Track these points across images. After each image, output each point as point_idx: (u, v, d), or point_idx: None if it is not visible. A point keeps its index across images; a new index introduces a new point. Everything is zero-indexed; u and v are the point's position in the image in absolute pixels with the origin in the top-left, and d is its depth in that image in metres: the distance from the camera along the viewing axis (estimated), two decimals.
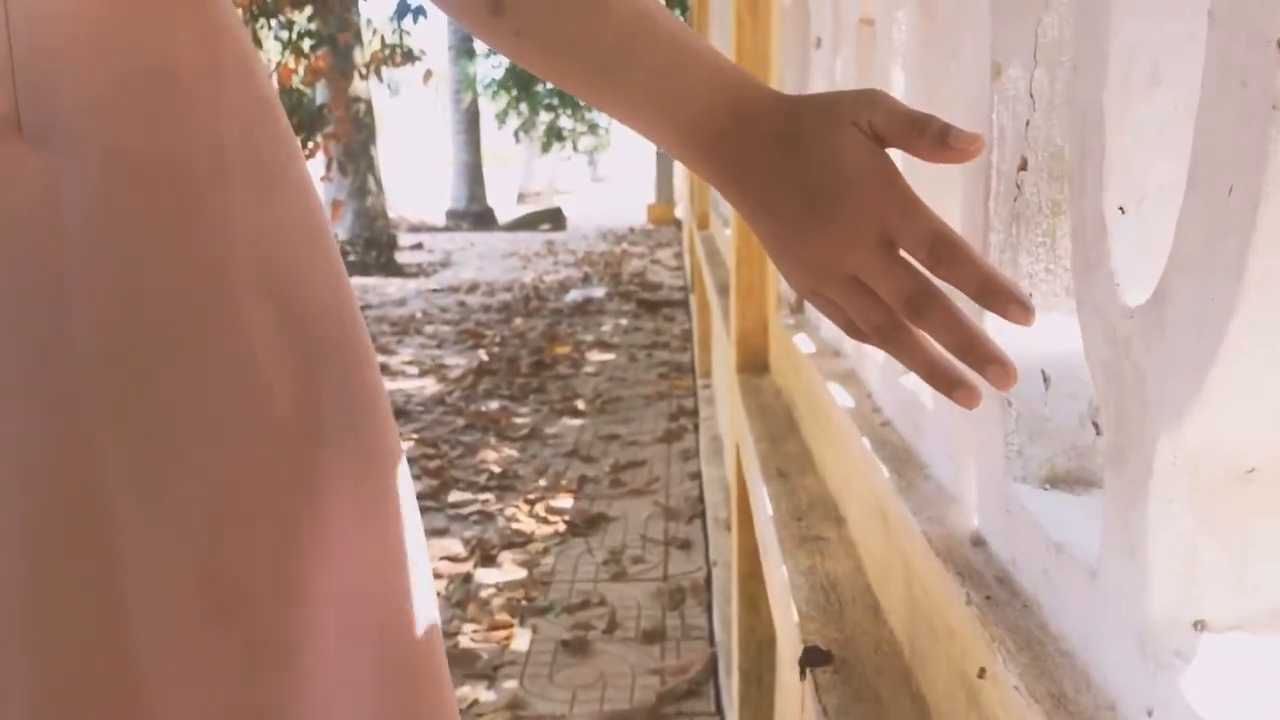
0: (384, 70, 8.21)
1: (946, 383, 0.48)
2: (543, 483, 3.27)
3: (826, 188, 0.48)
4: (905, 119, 0.48)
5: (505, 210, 15.13)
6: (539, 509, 3.01)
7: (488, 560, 2.67)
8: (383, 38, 7.80)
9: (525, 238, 12.37)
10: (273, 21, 7.35)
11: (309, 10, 7.46)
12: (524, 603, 2.42)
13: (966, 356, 0.47)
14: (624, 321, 6.40)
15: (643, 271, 8.73)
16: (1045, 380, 0.56)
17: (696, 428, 3.82)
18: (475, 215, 13.88)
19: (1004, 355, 0.46)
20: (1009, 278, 0.47)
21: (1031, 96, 0.57)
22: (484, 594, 2.47)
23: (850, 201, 0.47)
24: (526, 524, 2.91)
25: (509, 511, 3.01)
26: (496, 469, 3.42)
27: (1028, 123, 0.57)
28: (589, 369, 5.01)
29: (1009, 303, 0.45)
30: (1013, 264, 0.59)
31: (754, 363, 1.53)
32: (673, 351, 5.39)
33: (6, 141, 0.41)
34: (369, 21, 8.01)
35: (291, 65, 7.63)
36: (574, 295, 7.40)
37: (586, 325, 6.27)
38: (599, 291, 7.55)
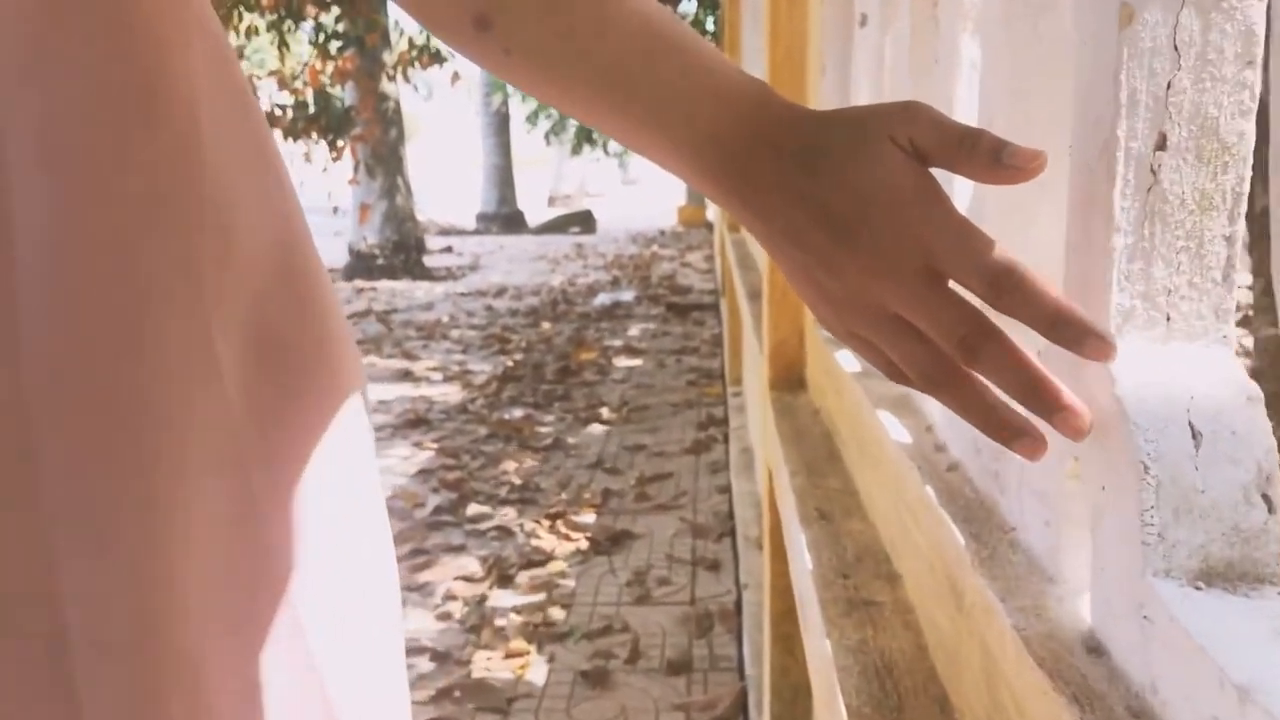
0: (411, 72, 8.14)
1: (1008, 433, 0.41)
2: (565, 496, 3.13)
3: (858, 211, 0.41)
4: (952, 133, 0.41)
5: (535, 213, 15.06)
6: (560, 525, 2.87)
7: (505, 580, 2.54)
8: (410, 39, 7.74)
9: (554, 241, 12.28)
10: (300, 24, 7.29)
11: (336, 12, 7.40)
12: (541, 628, 2.29)
13: (1031, 403, 0.40)
14: (652, 326, 6.26)
15: (672, 275, 8.59)
16: (1194, 436, 0.41)
17: (726, 438, 3.67)
18: (505, 218, 13.83)
19: (1075, 401, 0.40)
20: (1081, 310, 0.40)
21: (1176, 49, 0.42)
22: (500, 619, 2.33)
23: (888, 227, 0.40)
24: (547, 541, 2.78)
25: (529, 527, 2.88)
26: (517, 481, 3.29)
27: (1169, 85, 0.42)
28: (616, 375, 4.87)
29: (1086, 336, 0.39)
30: (1145, 276, 0.44)
31: (789, 378, 1.38)
32: (702, 357, 5.24)
33: None
34: (396, 23, 7.92)
35: (319, 67, 7.57)
36: (602, 299, 7.28)
37: (614, 330, 6.14)
38: (628, 295, 7.41)
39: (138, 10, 0.40)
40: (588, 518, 2.95)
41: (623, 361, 5.20)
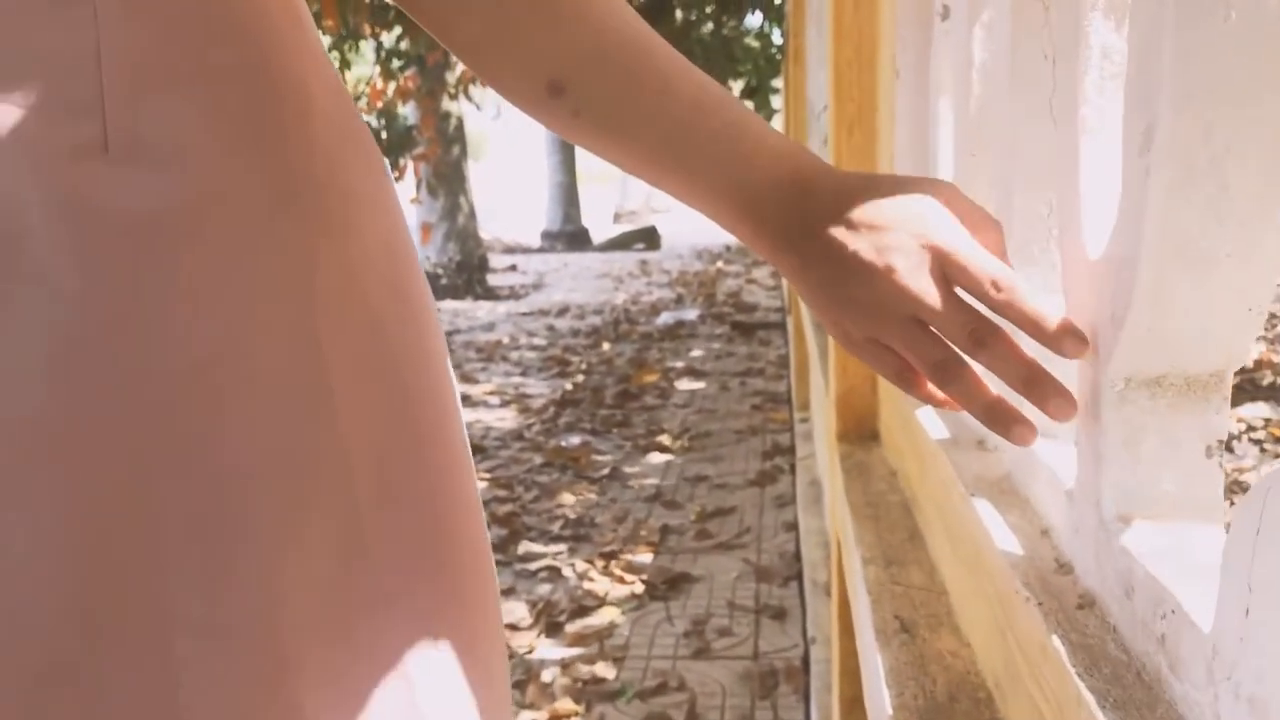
0: (474, 91, 8.09)
1: (1006, 420, 0.48)
2: (620, 533, 2.96)
3: (891, 224, 0.49)
4: (981, 214, 0.51)
5: (600, 230, 14.98)
6: (614, 566, 2.70)
7: (554, 629, 2.38)
8: None
9: (619, 258, 12.17)
10: (361, 44, 7.28)
11: (398, 31, 7.37)
12: (590, 685, 2.12)
13: (1029, 389, 0.47)
14: (716, 345, 6.08)
15: (738, 291, 8.40)
16: None
17: (793, 468, 3.47)
18: (569, 235, 13.76)
19: (1065, 388, 0.47)
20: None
21: None
22: (546, 673, 2.17)
23: (915, 237, 0.48)
24: (600, 584, 2.61)
25: (581, 568, 2.71)
26: (572, 515, 3.13)
27: None
28: (677, 399, 4.70)
29: (1066, 335, 0.47)
30: None
31: (859, 430, 1.19)
32: (768, 379, 5.04)
33: (90, 163, 0.39)
34: None
35: (381, 86, 7.55)
36: (665, 318, 7.12)
37: (677, 350, 5.97)
38: (691, 314, 7.24)
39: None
40: (644, 557, 2.78)
41: (685, 384, 5.02)
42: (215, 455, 0.41)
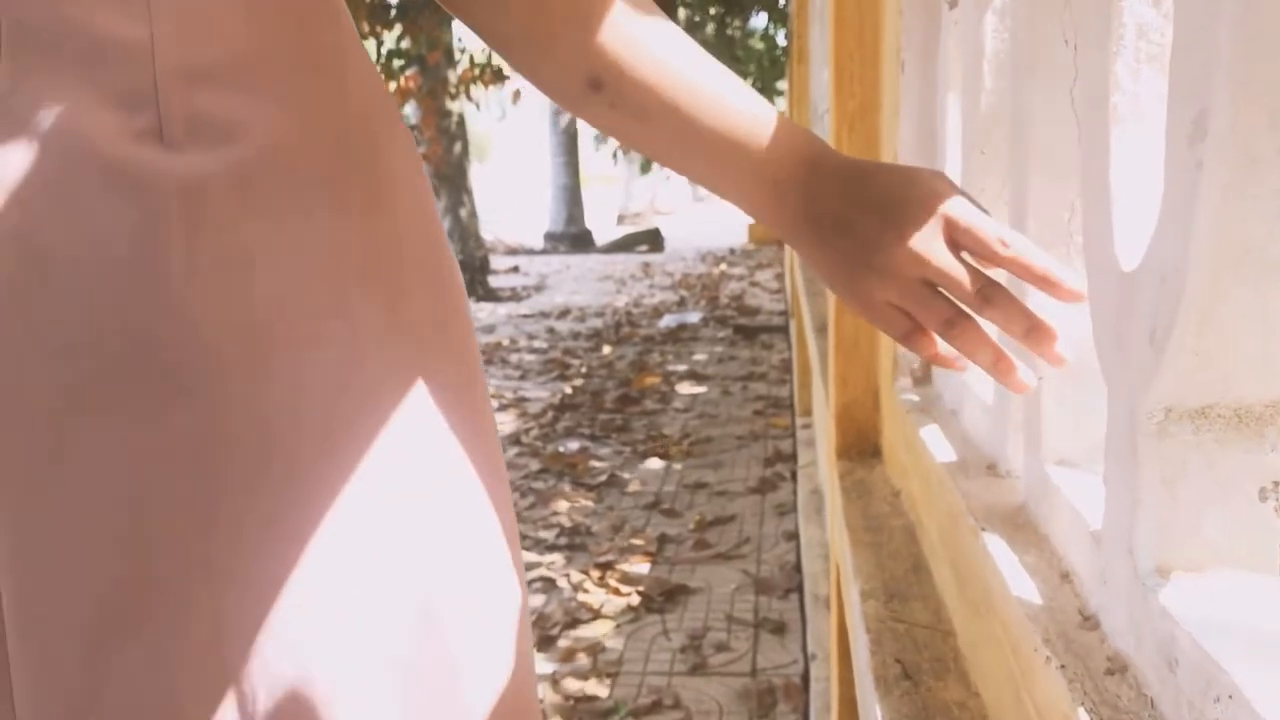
0: (475, 90, 8.03)
1: (1009, 369, 0.53)
2: (617, 542, 2.89)
3: (900, 196, 0.53)
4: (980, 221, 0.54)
5: (605, 232, 14.91)
6: (610, 577, 2.63)
7: (546, 642, 2.31)
8: (471, 57, 7.61)
9: (622, 260, 12.09)
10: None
11: (398, 29, 7.32)
12: (582, 704, 2.05)
13: (1030, 338, 0.52)
14: (719, 349, 6.01)
15: (741, 294, 8.32)
16: None
17: (794, 475, 3.40)
18: (573, 237, 13.69)
19: (1059, 335, 0.52)
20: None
21: None
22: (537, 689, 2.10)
23: (923, 207, 0.52)
24: (595, 595, 2.54)
25: (576, 578, 2.64)
26: (567, 523, 3.06)
27: None
28: (678, 404, 4.62)
29: (1062, 289, 0.50)
30: None
31: (860, 446, 1.12)
32: (770, 384, 4.96)
33: (147, 151, 0.41)
34: (459, 40, 7.81)
35: None
36: (668, 320, 7.04)
37: (678, 353, 5.90)
38: (694, 317, 7.17)
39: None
40: (641, 567, 2.71)
41: (686, 388, 4.95)
42: (261, 416, 0.42)
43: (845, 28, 1.06)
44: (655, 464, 3.68)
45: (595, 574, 2.66)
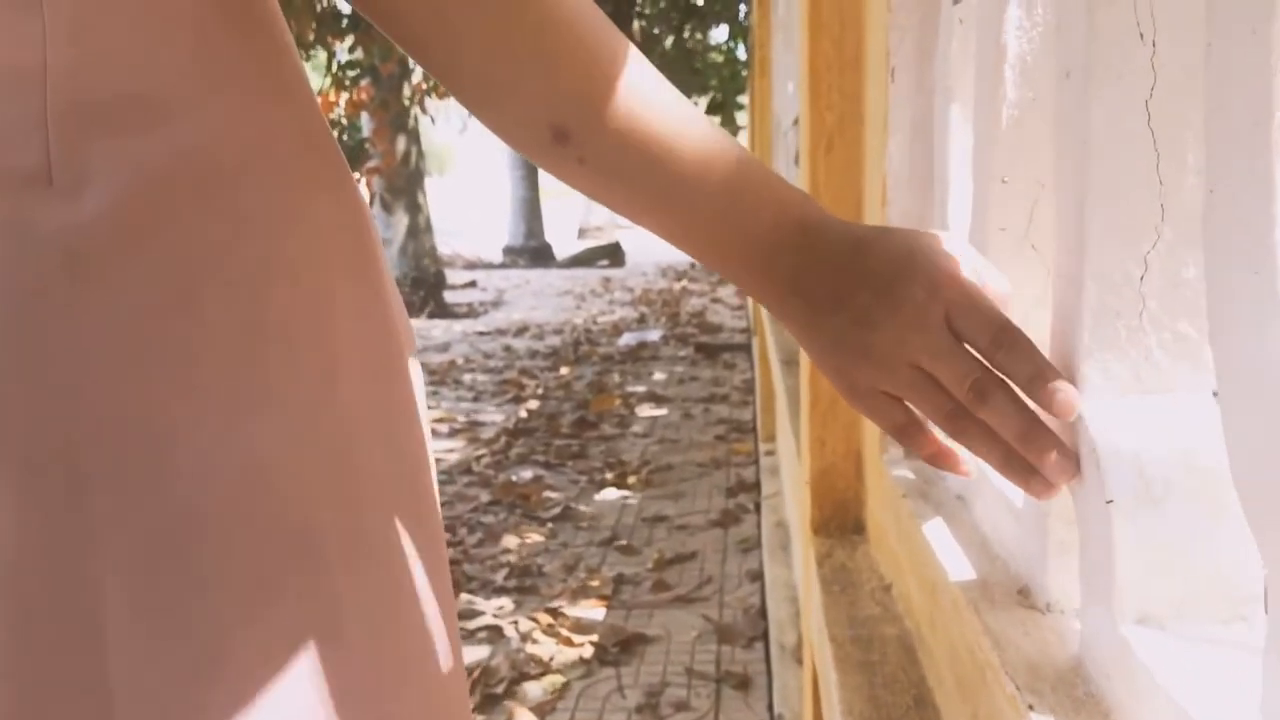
0: (430, 102, 7.83)
1: (1023, 470, 0.48)
2: (571, 583, 2.71)
3: (898, 272, 0.48)
4: (984, 266, 0.50)
5: (565, 246, 14.74)
6: (561, 624, 2.45)
7: (490, 701, 2.12)
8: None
9: (582, 275, 11.93)
10: (312, 54, 7.00)
11: (349, 40, 7.10)
12: None
13: (1027, 444, 0.47)
14: (679, 369, 5.85)
15: (702, 311, 8.18)
16: None
17: (758, 506, 3.24)
18: (532, 251, 13.52)
19: (1066, 447, 0.47)
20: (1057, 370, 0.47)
21: None
22: None
23: (921, 285, 0.48)
24: (545, 645, 2.35)
25: (525, 627, 2.45)
26: (518, 562, 2.87)
27: None
28: (637, 428, 4.45)
29: (1057, 392, 0.45)
30: None
31: (840, 520, 0.95)
32: (732, 406, 4.81)
33: (34, 194, 0.38)
34: None
35: (332, 98, 7.27)
36: (627, 339, 6.88)
37: (638, 373, 5.73)
38: (654, 335, 7.01)
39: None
40: (595, 613, 2.52)
41: (646, 410, 4.78)
42: (159, 508, 0.39)
43: (822, 31, 0.90)
44: (612, 494, 3.50)
45: (545, 620, 2.47)
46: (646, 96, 0.48)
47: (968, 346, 0.48)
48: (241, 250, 0.42)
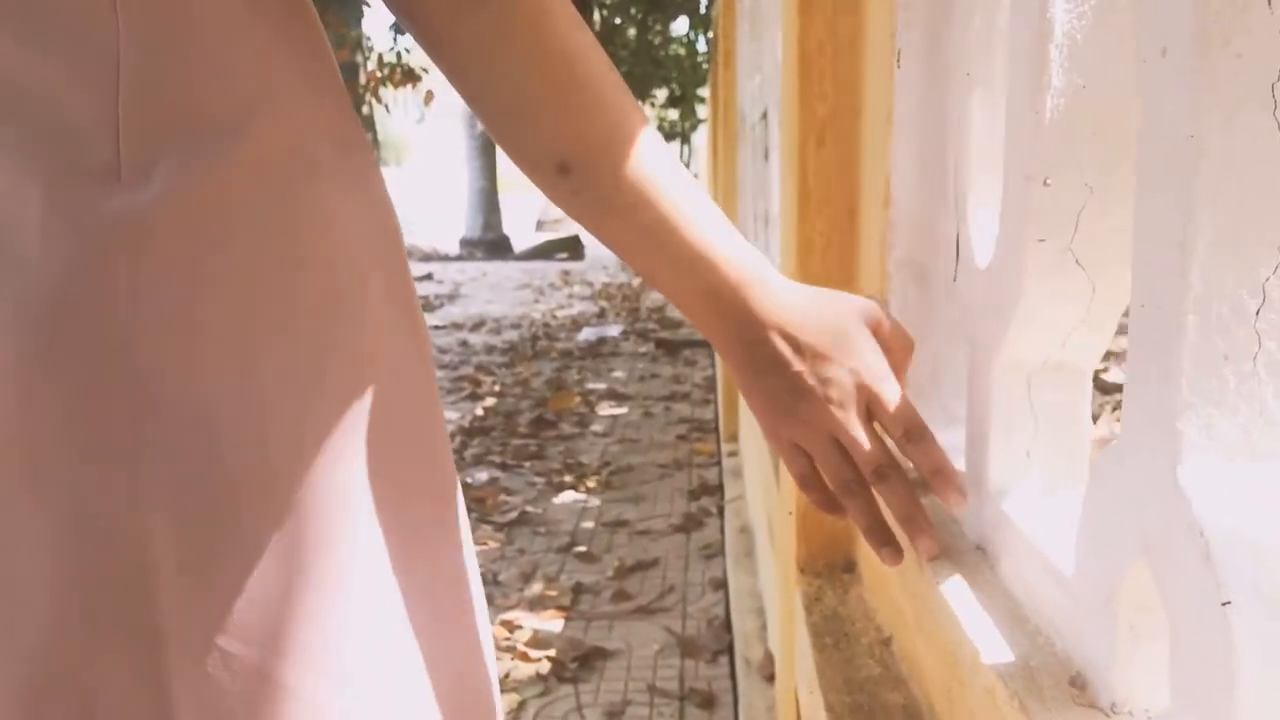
0: (385, 92, 7.65)
1: (883, 539, 0.58)
2: (528, 593, 2.60)
3: (833, 358, 0.56)
4: (903, 337, 0.60)
5: (524, 238, 14.57)
6: (518, 637, 2.34)
7: None
8: (380, 56, 7.22)
9: (541, 268, 11.79)
10: None
11: None
12: None
13: (907, 525, 0.57)
14: (640, 365, 5.75)
15: (662, 306, 8.08)
16: None
17: (721, 510, 3.15)
18: (489, 244, 13.34)
19: (934, 531, 0.58)
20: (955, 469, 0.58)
21: None
22: None
23: (851, 375, 0.56)
24: (501, 661, 2.24)
25: None
26: None
27: None
28: (597, 427, 4.34)
29: (952, 489, 0.58)
30: None
31: (828, 558, 0.86)
32: (694, 404, 4.72)
33: (101, 189, 0.41)
34: (368, 39, 7.42)
35: None
36: (587, 334, 6.77)
37: (597, 370, 5.62)
38: (614, 330, 6.90)
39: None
40: (553, 624, 2.42)
41: (606, 409, 4.68)
42: (212, 469, 0.42)
43: (813, 10, 0.80)
44: (571, 497, 3.39)
45: (502, 633, 2.36)
46: (640, 151, 0.54)
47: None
48: (288, 241, 0.45)
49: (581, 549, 2.90)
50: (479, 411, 4.61)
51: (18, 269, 0.40)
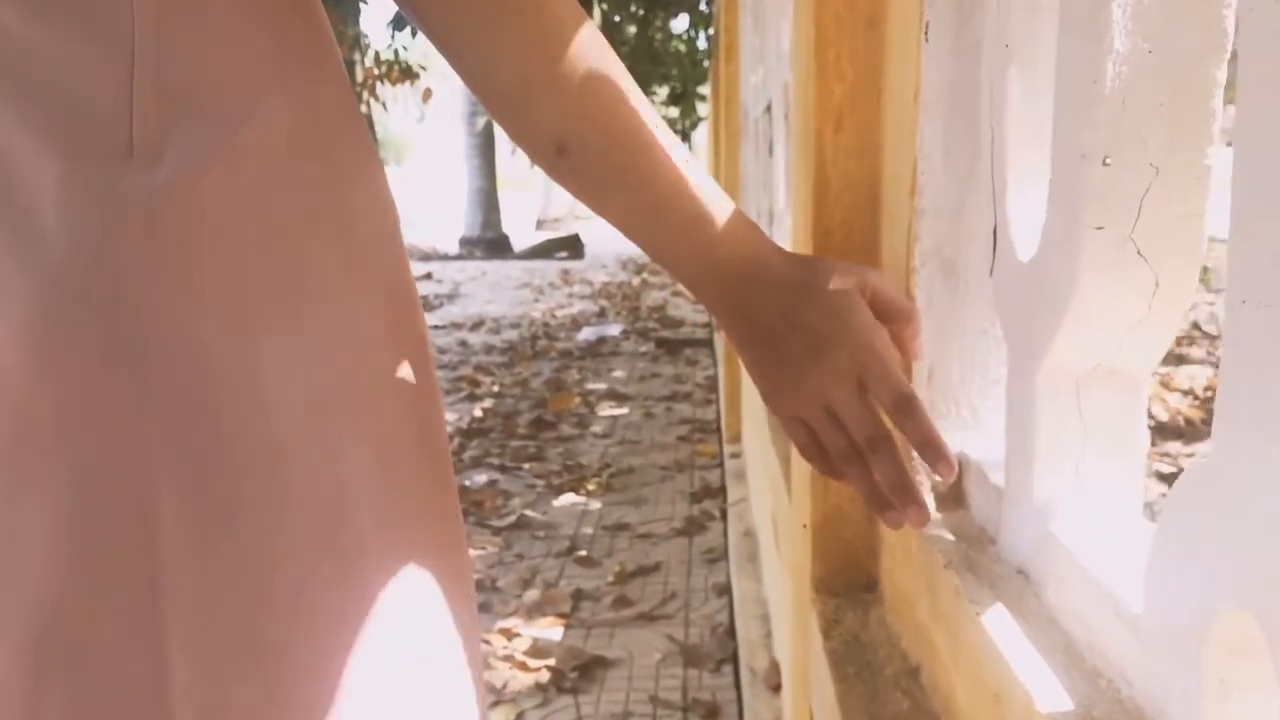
0: (382, 89, 7.59)
1: (882, 504, 0.58)
2: (526, 600, 2.53)
3: (833, 332, 0.57)
4: (900, 303, 0.60)
5: (523, 237, 14.51)
6: (517, 646, 2.28)
7: None
8: (377, 54, 7.15)
9: (540, 267, 11.72)
10: None
11: None
12: None
13: (897, 493, 0.57)
14: (640, 365, 5.68)
15: (663, 305, 8.02)
16: None
17: (724, 514, 3.09)
18: (489, 243, 13.27)
19: (925, 500, 0.57)
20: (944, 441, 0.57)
21: None
22: None
23: (845, 349, 0.57)
24: (499, 670, 2.18)
25: None
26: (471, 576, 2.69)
27: None
28: (597, 428, 4.28)
29: (940, 460, 0.56)
30: None
31: (848, 576, 0.79)
32: (695, 404, 4.65)
33: (115, 166, 0.42)
34: (364, 36, 7.35)
35: None
36: (586, 334, 6.70)
37: (598, 369, 5.56)
38: (614, 329, 6.84)
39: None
40: (552, 633, 2.35)
41: (606, 409, 4.61)
42: (214, 433, 0.43)
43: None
44: (571, 500, 3.33)
45: (500, 641, 2.30)
46: (638, 133, 0.55)
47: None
48: (293, 224, 0.46)
49: (581, 553, 2.84)
50: (477, 413, 4.55)
51: (37, 241, 0.41)
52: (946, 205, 0.64)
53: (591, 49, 0.53)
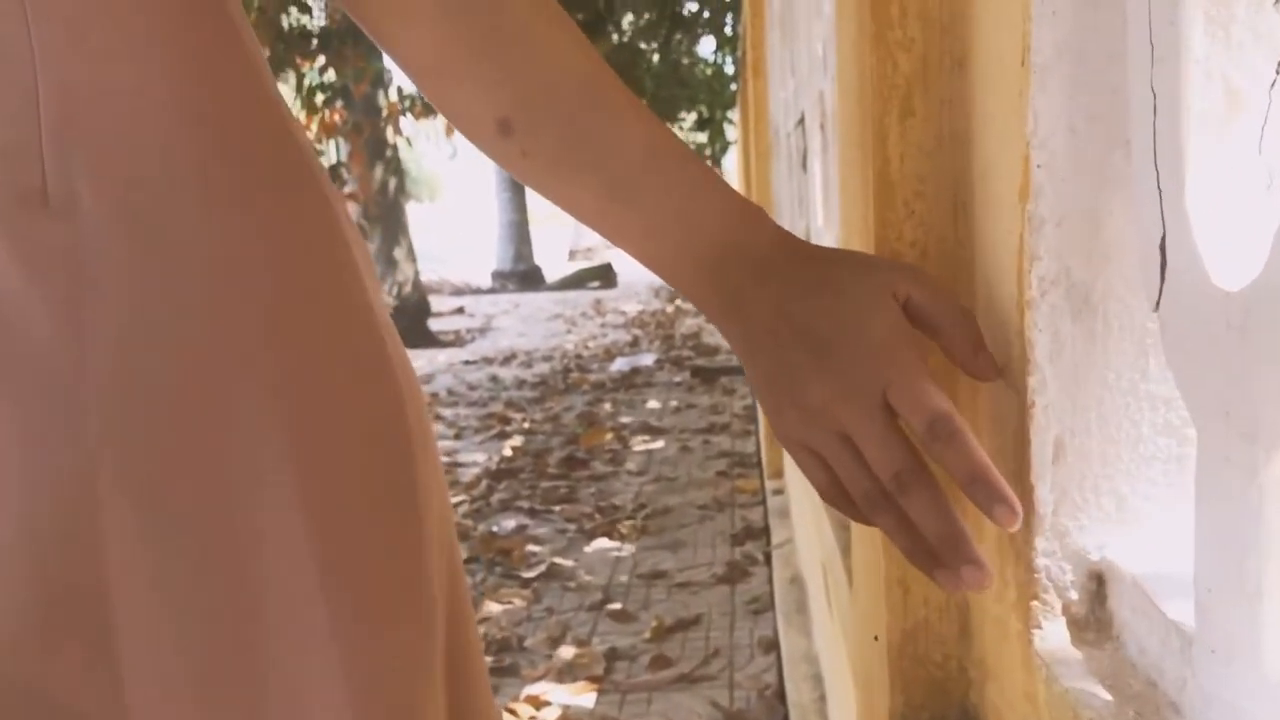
0: (406, 123, 7.51)
1: (928, 561, 0.45)
2: (556, 661, 2.34)
3: (840, 339, 0.47)
4: (949, 306, 0.48)
5: (555, 268, 14.42)
6: (545, 716, 2.08)
7: None
8: (400, 88, 7.07)
9: (573, 297, 11.60)
10: (280, 75, 6.67)
11: (320, 61, 6.76)
12: None
13: (944, 549, 0.44)
14: (675, 396, 5.49)
15: (697, 332, 7.82)
16: None
17: (768, 558, 2.87)
18: (521, 275, 13.21)
19: (982, 557, 0.44)
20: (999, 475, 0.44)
21: None
22: None
23: (862, 358, 0.46)
24: None
25: None
26: (497, 633, 2.50)
27: None
28: (631, 465, 4.08)
29: (996, 501, 0.43)
30: None
31: (936, 710, 0.60)
32: (734, 436, 4.45)
33: (32, 215, 0.40)
34: (387, 71, 7.28)
35: (305, 121, 6.93)
36: (620, 364, 6.53)
37: (631, 402, 5.37)
38: (648, 359, 6.66)
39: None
40: (585, 699, 2.15)
41: (640, 444, 4.42)
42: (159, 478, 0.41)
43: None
44: (604, 545, 3.13)
45: (527, 711, 2.10)
46: (592, 96, 0.49)
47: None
48: (219, 250, 0.42)
49: (615, 606, 2.64)
50: (507, 451, 4.37)
51: None
52: (1076, 210, 0.45)
53: (528, 18, 0.48)
